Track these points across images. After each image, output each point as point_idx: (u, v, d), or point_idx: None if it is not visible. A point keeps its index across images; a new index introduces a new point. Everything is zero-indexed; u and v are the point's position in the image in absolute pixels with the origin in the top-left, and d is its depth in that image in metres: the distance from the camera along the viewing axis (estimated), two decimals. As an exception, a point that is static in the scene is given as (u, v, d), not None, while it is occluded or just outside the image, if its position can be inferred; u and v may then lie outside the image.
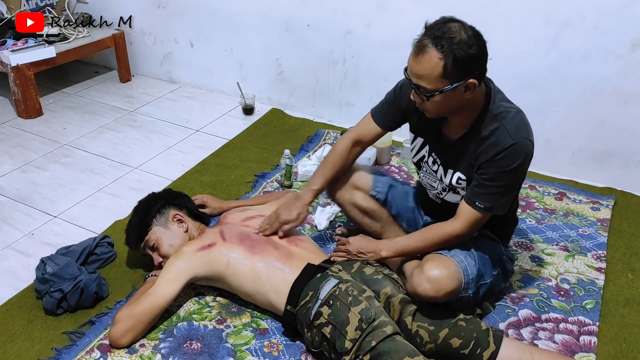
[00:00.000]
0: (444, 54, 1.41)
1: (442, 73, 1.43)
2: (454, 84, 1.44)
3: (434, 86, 1.46)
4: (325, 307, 1.55)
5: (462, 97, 1.49)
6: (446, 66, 1.41)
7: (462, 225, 1.62)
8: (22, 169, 2.64)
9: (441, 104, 1.50)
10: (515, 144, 1.51)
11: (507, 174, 1.54)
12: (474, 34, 1.45)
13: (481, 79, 1.50)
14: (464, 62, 1.42)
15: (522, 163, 1.53)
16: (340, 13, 2.83)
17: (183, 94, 3.47)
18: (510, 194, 1.59)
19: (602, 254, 2.09)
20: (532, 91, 2.53)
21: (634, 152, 2.45)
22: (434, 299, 1.56)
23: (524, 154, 1.53)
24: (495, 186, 1.56)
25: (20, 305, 1.84)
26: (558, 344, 1.72)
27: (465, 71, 1.43)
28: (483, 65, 1.48)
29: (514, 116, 1.56)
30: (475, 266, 1.64)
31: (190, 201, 2.03)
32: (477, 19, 2.50)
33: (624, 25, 2.26)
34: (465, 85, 1.46)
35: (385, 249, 1.74)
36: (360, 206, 1.90)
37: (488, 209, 1.58)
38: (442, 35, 1.41)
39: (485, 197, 1.58)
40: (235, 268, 1.72)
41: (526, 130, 1.56)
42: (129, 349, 1.66)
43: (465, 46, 1.41)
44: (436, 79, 1.44)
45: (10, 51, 2.96)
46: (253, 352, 1.67)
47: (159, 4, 3.37)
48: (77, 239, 2.09)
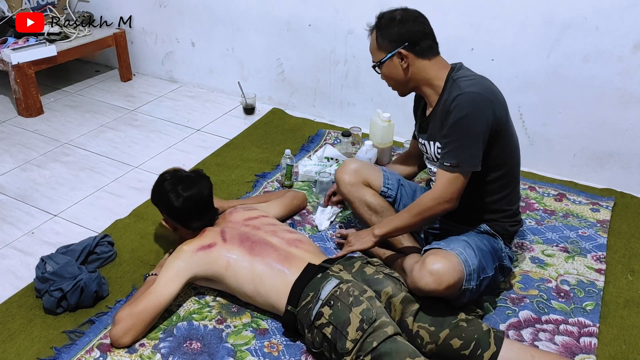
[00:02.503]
0: (378, 30, 1.72)
1: (377, 46, 1.73)
2: (387, 55, 1.71)
3: (376, 58, 1.75)
4: (326, 307, 1.55)
5: (400, 67, 1.71)
6: (377, 38, 1.72)
7: (437, 188, 1.67)
8: (22, 168, 2.64)
9: (390, 76, 1.76)
10: (461, 94, 1.60)
11: (457, 125, 1.60)
12: (403, 12, 1.71)
13: (414, 50, 1.69)
14: (388, 33, 1.70)
15: (471, 113, 1.59)
16: (341, 13, 2.83)
17: (184, 93, 3.47)
18: (470, 147, 1.61)
19: (601, 255, 2.09)
20: (533, 92, 2.53)
21: (635, 153, 2.45)
22: (436, 292, 1.55)
23: (472, 104, 1.59)
24: (452, 141, 1.63)
25: (20, 304, 1.84)
26: (558, 345, 1.72)
27: (392, 41, 1.69)
28: (415, 38, 1.69)
29: (473, 78, 1.67)
30: (475, 257, 1.64)
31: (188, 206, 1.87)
32: (478, 19, 2.53)
33: (625, 27, 2.26)
34: (398, 55, 1.70)
35: (377, 227, 1.80)
36: (370, 203, 1.93)
37: (455, 165, 1.63)
38: (381, 17, 1.73)
39: (448, 155, 1.64)
40: (235, 269, 1.72)
41: (480, 87, 1.63)
42: (128, 349, 1.66)
43: (389, 19, 1.70)
44: (375, 51, 1.75)
45: (11, 50, 2.95)
46: (253, 352, 1.67)
47: (160, 3, 3.37)
48: (77, 238, 2.09)
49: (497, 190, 1.75)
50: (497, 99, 1.65)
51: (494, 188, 1.75)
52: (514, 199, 1.81)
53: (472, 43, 2.55)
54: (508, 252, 1.82)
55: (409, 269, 1.69)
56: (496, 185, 1.75)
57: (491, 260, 1.72)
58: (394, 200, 1.96)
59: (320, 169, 2.50)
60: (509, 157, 1.74)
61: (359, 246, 1.81)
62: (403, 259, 1.81)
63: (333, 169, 2.48)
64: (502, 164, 1.72)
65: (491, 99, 1.62)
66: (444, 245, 1.65)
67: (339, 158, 2.59)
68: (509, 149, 1.73)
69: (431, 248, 1.66)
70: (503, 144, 1.69)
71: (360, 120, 2.97)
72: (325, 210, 2.24)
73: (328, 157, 2.59)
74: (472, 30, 2.54)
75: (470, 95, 1.59)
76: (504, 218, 1.79)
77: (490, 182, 1.73)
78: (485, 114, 1.60)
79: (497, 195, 1.76)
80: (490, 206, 1.77)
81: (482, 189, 1.74)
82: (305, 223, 2.26)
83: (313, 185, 2.50)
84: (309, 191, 2.47)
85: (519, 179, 1.82)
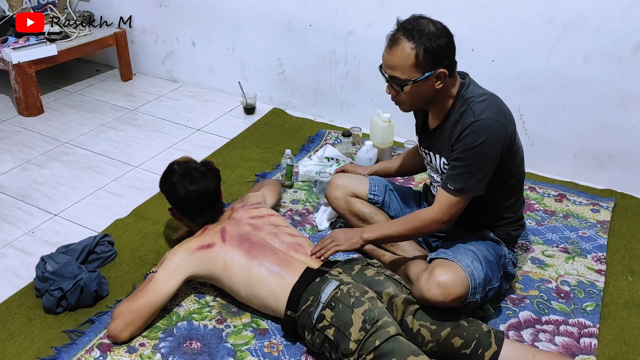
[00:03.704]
0: (415, 44, 1.53)
1: (415, 62, 1.54)
2: (425, 74, 1.55)
3: (408, 76, 1.56)
4: (327, 309, 1.55)
5: (433, 87, 1.59)
6: (418, 56, 1.53)
7: (437, 209, 1.65)
8: (22, 167, 2.64)
9: (415, 95, 1.61)
10: (477, 122, 1.56)
11: (470, 152, 1.57)
12: (442, 27, 1.56)
13: (451, 69, 1.59)
14: (434, 52, 1.53)
15: (486, 141, 1.56)
16: (342, 13, 2.83)
17: (184, 93, 3.47)
18: (478, 174, 1.60)
19: (602, 256, 2.09)
20: (533, 92, 2.53)
21: (635, 154, 2.45)
22: (442, 303, 1.55)
23: (488, 131, 1.56)
24: (461, 166, 1.60)
25: (20, 303, 1.84)
26: (558, 346, 1.72)
27: (436, 61, 1.54)
28: (452, 56, 1.58)
29: (485, 99, 1.61)
30: (482, 270, 1.64)
31: (193, 200, 1.87)
32: (479, 19, 2.53)
33: (626, 28, 2.26)
34: (436, 75, 1.56)
35: (367, 230, 1.77)
36: (359, 212, 1.99)
37: (459, 190, 1.61)
38: (412, 28, 1.54)
39: (455, 179, 1.61)
40: (232, 271, 1.71)
41: (493, 111, 1.59)
42: (128, 348, 1.66)
43: (434, 37, 1.53)
44: (409, 68, 1.55)
45: (12, 49, 2.95)
46: (253, 352, 1.67)
47: (161, 2, 3.37)
48: (77, 237, 2.09)
49: (506, 199, 1.76)
50: (508, 121, 1.61)
51: (503, 197, 1.75)
52: (519, 205, 1.81)
53: (472, 43, 2.55)
54: (511, 257, 1.82)
55: (414, 277, 1.68)
56: (506, 195, 1.75)
57: (497, 270, 1.72)
58: (382, 204, 2.02)
59: (321, 169, 2.50)
60: (518, 167, 1.74)
61: (347, 247, 1.78)
62: (407, 265, 1.81)
63: (333, 169, 2.48)
64: (512, 175, 1.72)
65: (504, 124, 1.58)
66: (450, 255, 1.65)
67: (339, 158, 2.59)
68: (517, 162, 1.72)
69: (437, 257, 1.66)
70: (513, 158, 1.69)
71: (361, 121, 2.97)
72: (327, 210, 2.24)
73: (328, 157, 2.59)
74: (473, 31, 2.53)
75: (486, 122, 1.55)
76: (508, 224, 1.80)
77: (500, 192, 1.73)
78: (498, 142, 1.58)
79: (505, 204, 1.76)
80: (498, 214, 1.77)
81: (492, 199, 1.73)
82: (305, 223, 2.26)
83: (313, 185, 2.50)
84: (309, 191, 2.47)
85: (523, 184, 1.82)
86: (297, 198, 2.42)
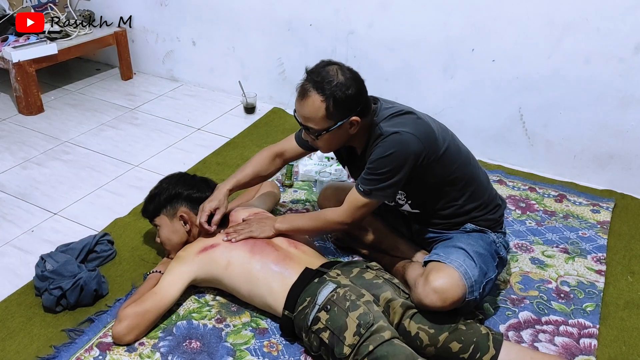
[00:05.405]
0: (324, 96, 1.55)
1: (326, 114, 1.57)
2: (338, 123, 1.59)
3: (321, 126, 1.60)
4: (323, 312, 1.55)
5: (347, 132, 1.63)
6: (328, 108, 1.56)
7: (343, 211, 1.72)
8: (22, 166, 2.64)
9: (330, 141, 1.67)
10: (388, 136, 1.60)
11: (381, 161, 1.61)
12: (351, 76, 1.59)
13: (363, 113, 1.62)
14: (344, 102, 1.56)
15: (396, 152, 1.59)
16: (342, 13, 2.83)
17: (184, 92, 3.47)
18: (387, 181, 1.63)
19: (602, 257, 2.09)
20: (534, 93, 2.53)
21: (635, 155, 2.45)
22: (441, 308, 1.55)
23: (398, 144, 1.59)
24: (372, 172, 1.63)
25: (20, 302, 1.84)
26: (558, 346, 1.72)
27: (347, 110, 1.58)
28: (363, 102, 1.62)
29: (395, 116, 1.65)
30: (475, 267, 1.63)
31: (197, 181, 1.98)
32: (480, 19, 2.53)
33: (626, 28, 2.25)
34: (349, 123, 1.60)
35: (279, 220, 1.83)
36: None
37: (367, 192, 1.66)
38: (321, 80, 1.56)
39: (365, 182, 1.66)
40: (234, 269, 1.72)
41: (403, 124, 1.62)
42: (128, 347, 1.66)
43: (343, 88, 1.55)
44: (321, 120, 1.59)
45: (12, 47, 2.95)
46: (252, 351, 1.67)
47: (161, 1, 3.37)
48: (77, 236, 2.09)
49: (459, 194, 1.75)
50: (424, 134, 1.62)
51: (455, 194, 1.75)
52: (480, 192, 1.78)
53: (473, 44, 2.55)
54: (502, 240, 1.81)
55: (412, 282, 1.69)
56: (458, 194, 1.75)
57: (491, 260, 1.72)
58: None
59: (321, 168, 2.50)
60: (463, 167, 1.73)
61: (259, 234, 1.79)
62: (405, 269, 1.81)
63: (333, 168, 2.48)
64: (447, 175, 1.71)
65: (419, 137, 1.60)
66: (443, 257, 1.65)
67: (339, 158, 2.58)
68: (457, 164, 1.72)
69: (431, 260, 1.67)
70: (449, 162, 1.69)
71: (361, 120, 2.97)
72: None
73: (328, 156, 2.59)
74: (473, 31, 2.53)
75: (397, 138, 1.59)
76: (479, 211, 1.78)
77: (446, 192, 1.74)
78: (409, 155, 1.60)
79: (462, 198, 1.75)
80: (463, 208, 1.76)
81: (445, 199, 1.75)
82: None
83: (313, 185, 2.50)
84: (309, 191, 2.47)
85: (476, 174, 1.78)
86: (297, 198, 2.42)
